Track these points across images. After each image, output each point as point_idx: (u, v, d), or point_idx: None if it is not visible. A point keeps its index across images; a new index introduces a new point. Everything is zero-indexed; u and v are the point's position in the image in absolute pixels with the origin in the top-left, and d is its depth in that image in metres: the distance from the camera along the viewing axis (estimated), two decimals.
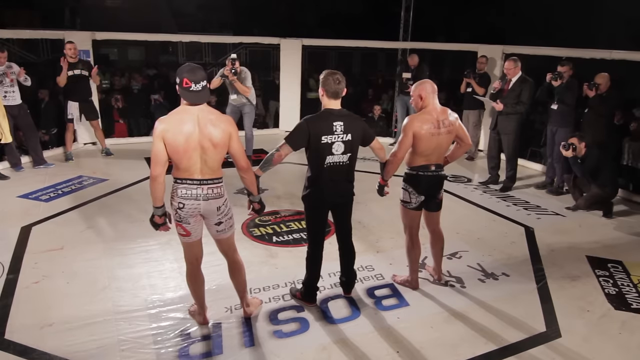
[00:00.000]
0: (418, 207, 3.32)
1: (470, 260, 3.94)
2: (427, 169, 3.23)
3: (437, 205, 3.39)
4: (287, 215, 4.74)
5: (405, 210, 3.35)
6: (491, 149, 5.93)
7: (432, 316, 3.17)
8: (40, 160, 6.07)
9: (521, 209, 5.19)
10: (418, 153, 3.19)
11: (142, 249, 3.97)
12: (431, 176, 3.25)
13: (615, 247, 4.29)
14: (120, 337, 2.86)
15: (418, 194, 3.26)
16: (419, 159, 3.21)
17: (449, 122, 3.20)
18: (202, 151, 2.56)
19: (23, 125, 5.95)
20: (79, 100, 6.31)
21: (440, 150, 3.23)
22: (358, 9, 14.50)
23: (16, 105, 5.77)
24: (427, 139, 3.13)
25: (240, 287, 3.01)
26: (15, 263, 3.65)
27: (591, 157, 4.88)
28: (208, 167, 2.61)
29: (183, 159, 2.56)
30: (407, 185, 3.29)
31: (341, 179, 3.00)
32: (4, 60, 5.72)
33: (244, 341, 2.85)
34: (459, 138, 3.31)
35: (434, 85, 3.22)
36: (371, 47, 9.54)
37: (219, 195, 2.67)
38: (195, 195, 2.62)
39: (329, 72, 2.96)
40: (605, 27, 10.09)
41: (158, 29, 7.30)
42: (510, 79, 5.51)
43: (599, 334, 3.04)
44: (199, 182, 2.62)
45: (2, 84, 5.65)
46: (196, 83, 2.49)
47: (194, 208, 2.65)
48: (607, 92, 5.23)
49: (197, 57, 12.39)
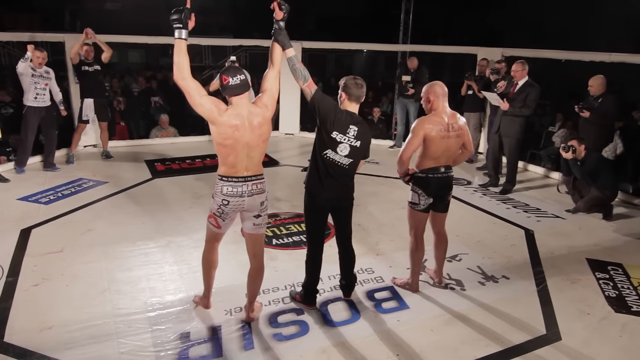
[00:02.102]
0: (426, 209, 3.31)
1: (470, 262, 3.94)
2: (436, 171, 3.23)
3: (445, 206, 3.39)
4: (287, 218, 4.74)
5: (413, 211, 3.34)
6: (492, 152, 5.93)
7: (432, 319, 3.17)
8: (51, 164, 6.09)
9: (521, 211, 5.19)
10: (428, 156, 3.19)
11: (141, 251, 3.96)
12: (441, 178, 3.25)
13: (615, 249, 4.29)
14: (119, 339, 2.85)
15: (427, 195, 3.25)
16: (429, 162, 3.21)
17: (459, 126, 3.20)
18: (249, 149, 2.67)
19: (45, 127, 5.99)
20: (93, 97, 6.36)
21: (449, 153, 3.22)
22: (358, 12, 14.52)
23: (45, 107, 5.80)
24: (437, 142, 3.13)
25: (255, 291, 3.05)
26: (15, 266, 3.65)
27: (591, 160, 4.88)
28: (253, 164, 2.73)
29: (230, 155, 2.65)
30: (416, 187, 3.28)
31: (339, 181, 2.99)
32: (43, 61, 5.74)
33: (243, 344, 2.85)
34: (463, 144, 3.30)
35: (445, 88, 3.21)
36: (371, 50, 9.56)
37: (262, 191, 2.80)
38: (241, 192, 2.73)
39: (351, 77, 2.99)
40: (605, 29, 10.12)
41: (158, 31, 7.31)
42: (517, 82, 5.52)
43: (599, 336, 3.04)
44: (244, 179, 2.72)
45: (37, 85, 5.69)
46: (233, 77, 2.64)
47: (238, 204, 2.76)
48: (602, 96, 5.24)
49: (197, 59, 12.41)
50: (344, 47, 9.82)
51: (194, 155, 6.99)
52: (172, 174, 6.17)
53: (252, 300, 3.05)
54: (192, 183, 5.80)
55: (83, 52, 6.25)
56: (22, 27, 11.47)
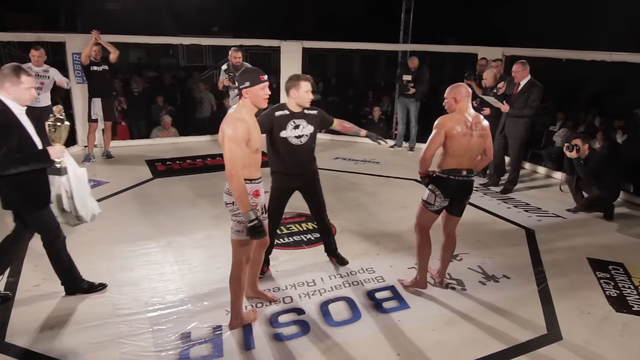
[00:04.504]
0: (438, 211, 3.29)
1: (471, 262, 3.93)
2: (458, 173, 3.19)
3: (461, 210, 3.37)
4: (287, 218, 4.73)
5: (425, 210, 3.30)
6: (496, 152, 5.92)
7: (433, 319, 3.16)
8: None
9: (522, 211, 5.18)
10: (450, 154, 3.15)
11: (142, 251, 3.96)
12: (462, 181, 3.22)
13: (616, 249, 4.28)
14: (120, 339, 2.85)
15: (444, 197, 3.22)
16: (452, 161, 3.17)
17: (482, 126, 3.17)
18: None
19: (41, 129, 5.91)
20: (101, 96, 6.39)
21: (471, 154, 3.18)
22: (358, 12, 14.51)
23: (39, 107, 5.60)
24: (459, 139, 3.10)
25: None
26: (16, 266, 3.64)
27: (594, 159, 4.87)
28: None
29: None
30: (435, 187, 3.23)
31: None
32: (40, 59, 5.70)
33: (244, 344, 2.85)
34: (484, 150, 3.27)
35: (469, 90, 3.20)
36: (372, 50, 9.55)
37: (225, 192, 2.75)
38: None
39: None
40: (606, 28, 10.09)
41: (158, 31, 7.33)
42: (518, 82, 5.51)
43: (600, 336, 3.03)
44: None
45: None
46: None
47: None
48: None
49: (198, 59, 12.41)
50: (344, 47, 9.82)
51: (194, 155, 7.00)
52: (173, 174, 6.17)
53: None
54: (193, 183, 5.80)
55: (92, 53, 6.28)
56: (23, 28, 11.48)
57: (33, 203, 2.97)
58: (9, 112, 2.81)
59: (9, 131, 2.77)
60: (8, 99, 2.82)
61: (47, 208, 3.04)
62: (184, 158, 6.88)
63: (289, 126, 3.26)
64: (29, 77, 2.88)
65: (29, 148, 2.89)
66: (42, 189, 2.99)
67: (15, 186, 2.87)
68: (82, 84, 6.83)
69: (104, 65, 6.38)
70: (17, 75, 2.82)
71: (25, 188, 2.90)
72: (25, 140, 2.88)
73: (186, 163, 6.68)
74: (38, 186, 2.96)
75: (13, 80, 2.81)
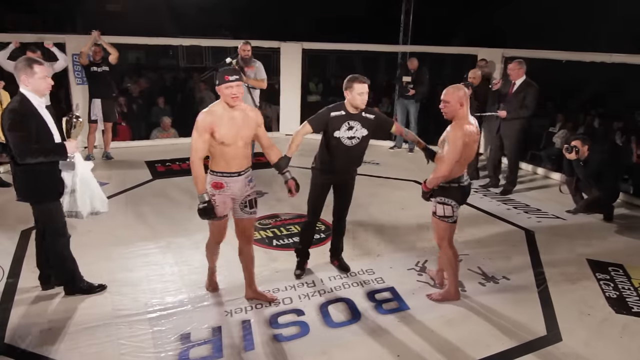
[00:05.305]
0: (456, 219, 3.26)
1: (470, 263, 3.93)
2: (463, 179, 3.19)
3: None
4: (288, 219, 4.73)
5: (447, 225, 3.22)
6: (493, 153, 5.93)
7: (433, 320, 3.16)
8: None
9: (521, 212, 5.18)
10: (460, 162, 3.11)
11: (141, 252, 3.96)
12: (468, 186, 3.24)
13: (616, 250, 4.28)
14: (120, 340, 2.85)
15: (459, 205, 3.22)
16: (460, 169, 3.14)
17: (477, 130, 3.18)
18: None
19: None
20: (101, 97, 6.40)
21: (471, 159, 3.20)
22: (358, 13, 14.51)
23: None
24: (471, 148, 3.10)
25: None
26: (15, 267, 3.65)
27: (594, 160, 4.87)
28: None
29: None
30: (449, 199, 3.16)
31: None
32: None
33: (244, 345, 2.85)
34: None
35: (467, 92, 3.18)
36: (371, 51, 9.55)
37: None
38: None
39: None
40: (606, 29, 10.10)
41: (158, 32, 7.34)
42: (514, 82, 5.50)
43: (600, 337, 3.03)
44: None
45: None
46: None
47: None
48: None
49: (198, 60, 12.40)
50: (344, 48, 9.83)
51: None
52: (173, 175, 6.17)
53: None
54: (193, 184, 5.77)
55: (92, 54, 6.30)
56: (24, 29, 11.47)
57: (46, 195, 3.02)
58: (28, 103, 2.88)
59: (27, 120, 2.83)
60: (27, 90, 2.90)
61: (57, 202, 3.08)
62: (184, 159, 6.87)
63: (343, 127, 3.29)
64: (42, 67, 2.93)
65: (47, 140, 2.94)
66: (55, 182, 3.04)
67: (34, 176, 2.94)
68: (82, 85, 6.83)
69: (105, 66, 6.39)
70: (30, 67, 2.88)
71: (39, 179, 2.96)
72: (43, 133, 2.93)
73: (186, 164, 6.66)
74: (51, 179, 3.02)
75: (27, 72, 2.87)
